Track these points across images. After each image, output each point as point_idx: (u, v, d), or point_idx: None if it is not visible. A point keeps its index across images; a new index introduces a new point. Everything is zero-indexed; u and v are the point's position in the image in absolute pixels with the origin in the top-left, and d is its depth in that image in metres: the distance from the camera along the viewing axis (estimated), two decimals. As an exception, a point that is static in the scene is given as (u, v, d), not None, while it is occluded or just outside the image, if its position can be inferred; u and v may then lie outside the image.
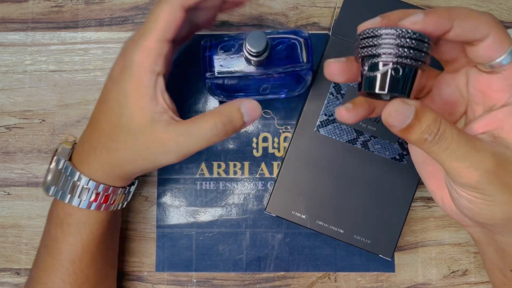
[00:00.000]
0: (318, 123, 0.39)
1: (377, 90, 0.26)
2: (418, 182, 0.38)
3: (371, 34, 0.25)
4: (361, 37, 0.26)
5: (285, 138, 0.42)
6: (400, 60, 0.25)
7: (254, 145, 0.42)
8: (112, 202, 0.34)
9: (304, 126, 0.39)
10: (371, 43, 0.25)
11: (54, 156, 0.35)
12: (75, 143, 0.35)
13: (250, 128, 0.42)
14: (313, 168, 0.39)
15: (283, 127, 0.42)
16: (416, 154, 0.33)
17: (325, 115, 0.39)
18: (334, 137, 0.39)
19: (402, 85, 0.26)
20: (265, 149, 0.42)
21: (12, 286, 0.41)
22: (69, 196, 0.33)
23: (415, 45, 0.25)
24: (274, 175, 0.41)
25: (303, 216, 0.38)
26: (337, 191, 0.38)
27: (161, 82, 0.31)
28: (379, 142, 0.39)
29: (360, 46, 0.26)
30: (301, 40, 0.35)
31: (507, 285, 0.33)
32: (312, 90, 0.39)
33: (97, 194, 0.33)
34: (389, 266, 0.41)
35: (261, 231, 0.41)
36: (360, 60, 0.26)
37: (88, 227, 0.34)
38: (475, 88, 0.29)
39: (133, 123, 0.31)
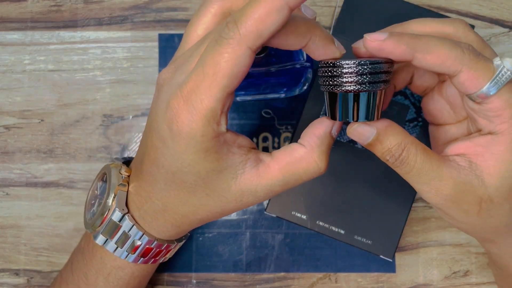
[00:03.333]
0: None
1: (339, 119, 0.27)
2: (419, 182, 0.38)
3: (332, 64, 0.26)
4: (320, 65, 0.26)
5: (285, 138, 0.42)
6: (359, 88, 0.25)
7: (254, 145, 0.42)
8: (164, 255, 0.33)
9: (304, 126, 0.39)
10: (330, 73, 0.26)
11: (107, 189, 0.30)
12: (128, 178, 0.31)
13: (250, 128, 0.42)
14: (314, 168, 0.38)
15: (283, 127, 0.42)
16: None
17: (326, 115, 0.39)
18: (334, 137, 0.39)
19: (365, 111, 0.26)
20: (265, 149, 0.42)
21: (11, 287, 0.41)
22: (126, 253, 0.31)
23: (372, 70, 0.25)
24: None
25: (304, 217, 0.38)
26: (338, 192, 0.38)
27: (230, 136, 0.26)
28: (380, 142, 0.38)
29: (321, 75, 0.27)
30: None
31: (505, 280, 0.34)
32: (312, 90, 0.39)
33: (150, 249, 0.31)
34: (390, 267, 0.41)
35: (261, 231, 0.41)
36: (323, 88, 0.27)
37: (137, 280, 0.33)
38: (466, 106, 0.29)
39: (211, 187, 0.26)
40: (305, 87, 0.38)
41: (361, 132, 0.26)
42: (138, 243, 0.30)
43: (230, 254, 0.41)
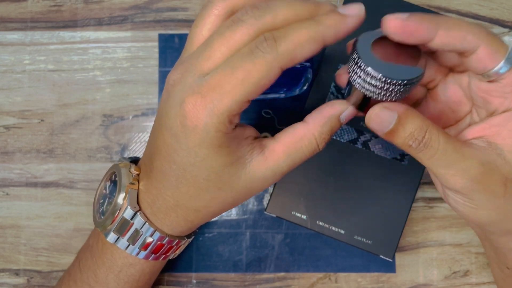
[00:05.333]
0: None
1: (360, 111, 0.27)
2: (419, 182, 0.38)
3: (359, 64, 0.25)
4: (353, 57, 0.26)
5: (285, 138, 0.42)
6: (379, 98, 0.25)
7: (254, 145, 0.42)
8: (174, 251, 0.33)
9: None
10: (358, 73, 0.25)
11: (118, 188, 0.30)
12: (138, 176, 0.31)
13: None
14: (314, 169, 0.38)
15: (283, 127, 0.42)
16: None
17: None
18: (334, 137, 0.39)
19: None
20: (265, 149, 0.41)
21: (11, 287, 0.41)
22: (137, 250, 0.31)
23: (398, 90, 0.25)
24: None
25: (304, 217, 0.38)
26: (338, 192, 0.38)
27: (239, 129, 0.27)
28: (380, 142, 0.38)
29: (350, 66, 0.26)
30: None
31: (505, 281, 0.33)
32: (312, 90, 0.39)
33: (161, 245, 0.31)
34: (390, 267, 0.41)
35: (261, 231, 0.41)
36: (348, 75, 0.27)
37: (147, 276, 0.34)
38: (475, 93, 0.29)
39: (223, 180, 0.27)
40: (305, 87, 0.38)
41: (383, 118, 0.25)
42: (150, 239, 0.31)
43: (230, 254, 0.41)
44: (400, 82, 0.24)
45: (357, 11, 0.25)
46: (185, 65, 0.26)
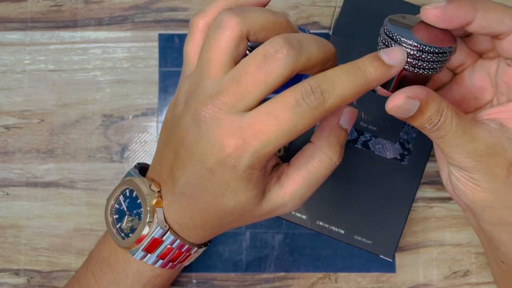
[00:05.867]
0: (318, 123, 0.39)
1: (389, 89, 0.27)
2: (419, 182, 0.38)
3: (395, 39, 0.25)
4: (386, 32, 0.26)
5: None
6: (414, 70, 0.25)
7: (254, 145, 0.42)
8: (190, 259, 0.33)
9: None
10: (387, 45, 0.26)
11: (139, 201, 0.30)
12: (159, 193, 0.31)
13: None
14: (314, 168, 0.38)
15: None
16: None
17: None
18: (334, 137, 0.39)
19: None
20: (265, 149, 0.41)
21: (11, 287, 0.41)
22: (161, 262, 0.31)
23: (434, 59, 0.25)
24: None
25: (303, 217, 0.38)
26: (338, 192, 0.38)
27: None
28: (380, 142, 0.38)
29: (382, 41, 0.26)
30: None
31: (502, 277, 0.33)
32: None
33: (189, 255, 0.32)
34: (390, 267, 0.41)
35: (261, 231, 0.41)
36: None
37: (171, 281, 0.34)
38: (501, 78, 0.29)
39: (247, 209, 0.28)
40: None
41: (406, 108, 0.25)
42: (179, 251, 0.31)
43: (230, 254, 0.41)
44: (433, 50, 0.24)
45: (400, 58, 0.25)
46: (215, 102, 0.25)
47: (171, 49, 0.43)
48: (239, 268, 0.41)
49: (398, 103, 0.25)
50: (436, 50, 0.25)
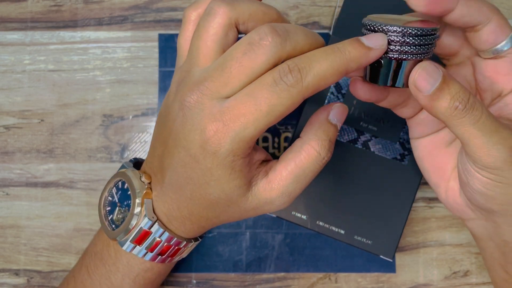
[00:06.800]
0: None
1: (380, 83, 0.26)
2: (420, 183, 0.38)
3: (376, 28, 0.25)
4: (367, 27, 0.26)
5: (285, 138, 0.42)
6: (403, 56, 0.25)
7: (254, 145, 0.42)
8: (180, 254, 0.33)
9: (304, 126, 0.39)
10: None
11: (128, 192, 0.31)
12: (150, 185, 0.31)
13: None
14: (314, 168, 0.38)
15: (283, 127, 0.42)
16: (421, 147, 0.33)
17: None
18: (334, 137, 0.39)
19: (403, 78, 0.26)
20: (265, 149, 0.42)
21: (11, 287, 0.41)
22: (154, 256, 0.32)
23: (419, 42, 0.25)
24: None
25: (304, 217, 0.38)
26: (338, 192, 0.38)
27: (253, 153, 0.28)
28: (380, 142, 0.38)
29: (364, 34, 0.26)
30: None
31: (509, 282, 0.32)
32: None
33: (179, 248, 0.32)
34: (390, 267, 0.41)
35: (261, 231, 0.41)
36: None
37: (162, 277, 0.34)
38: (482, 74, 0.29)
39: (232, 200, 0.28)
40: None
41: (430, 72, 0.24)
42: (167, 245, 0.31)
43: (230, 254, 0.41)
44: (416, 31, 0.24)
45: (381, 43, 0.25)
46: (200, 88, 0.26)
47: (171, 49, 0.43)
48: (239, 268, 0.41)
49: (423, 64, 0.25)
50: (419, 32, 0.25)
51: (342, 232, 0.38)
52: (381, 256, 0.38)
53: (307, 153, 0.28)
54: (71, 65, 0.42)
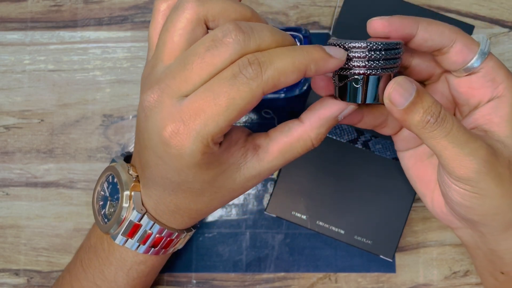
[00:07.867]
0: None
1: (348, 100, 0.26)
2: (419, 182, 0.38)
3: (342, 46, 0.26)
4: (329, 44, 0.26)
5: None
6: (371, 72, 0.25)
7: (254, 145, 0.42)
8: (174, 245, 0.33)
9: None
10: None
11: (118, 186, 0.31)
12: (137, 178, 0.31)
13: (250, 128, 0.42)
14: (314, 168, 0.38)
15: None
16: (406, 160, 0.33)
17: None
18: (334, 137, 0.39)
19: (374, 93, 0.26)
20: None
21: (11, 287, 0.41)
22: (147, 248, 0.32)
23: (385, 56, 0.25)
24: (275, 176, 0.41)
25: (303, 217, 0.38)
26: (338, 192, 0.38)
27: (225, 141, 0.27)
28: (380, 142, 0.38)
29: None
30: (302, 37, 0.35)
31: None
32: (312, 90, 0.39)
33: (171, 240, 0.32)
34: (390, 267, 0.41)
35: (261, 231, 0.41)
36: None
37: (156, 270, 0.35)
38: (456, 90, 0.30)
39: (218, 185, 0.28)
40: (305, 87, 0.38)
41: (405, 86, 0.25)
42: (159, 237, 0.31)
43: (230, 254, 0.41)
44: (381, 46, 0.25)
45: (340, 55, 0.25)
46: (161, 86, 0.25)
47: (171, 49, 0.42)
48: (239, 268, 0.41)
49: (398, 80, 0.25)
50: (385, 47, 0.25)
51: (342, 232, 0.38)
52: (381, 256, 0.38)
53: (304, 143, 0.28)
54: (71, 65, 0.42)
